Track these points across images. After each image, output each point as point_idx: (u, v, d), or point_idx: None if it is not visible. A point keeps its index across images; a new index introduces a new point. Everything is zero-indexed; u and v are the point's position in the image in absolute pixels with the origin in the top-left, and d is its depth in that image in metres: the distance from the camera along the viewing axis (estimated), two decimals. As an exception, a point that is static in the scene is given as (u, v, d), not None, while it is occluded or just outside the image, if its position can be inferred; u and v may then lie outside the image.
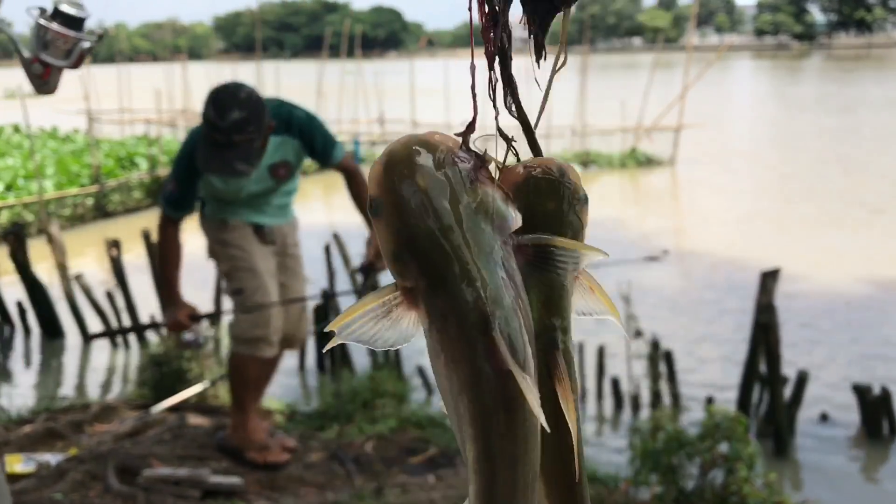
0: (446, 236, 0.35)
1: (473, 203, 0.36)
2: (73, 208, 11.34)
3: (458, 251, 0.35)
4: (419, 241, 0.35)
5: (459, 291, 0.35)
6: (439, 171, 0.36)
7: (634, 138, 16.16)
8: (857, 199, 12.04)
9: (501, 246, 0.37)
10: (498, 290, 0.35)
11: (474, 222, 0.36)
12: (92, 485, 3.35)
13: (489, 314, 0.35)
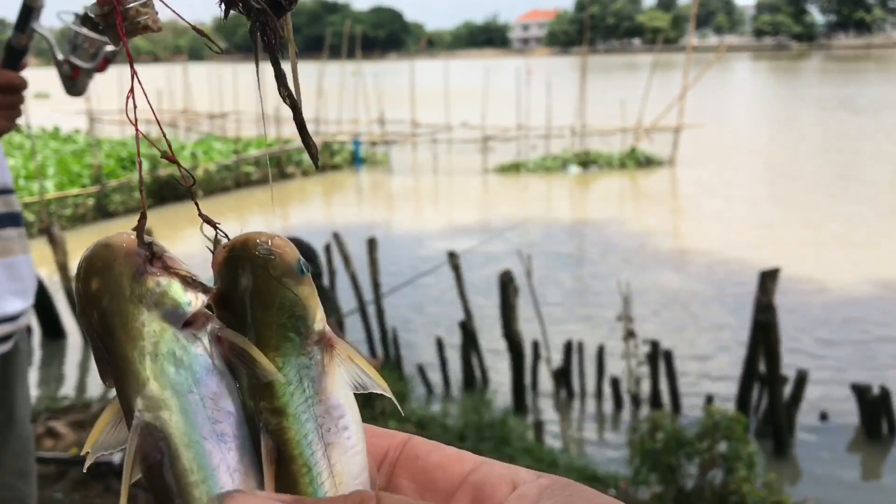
0: (106, 336, 0.35)
1: (139, 293, 0.35)
2: (75, 208, 11.36)
3: (115, 349, 0.34)
4: (98, 342, 0.35)
5: (120, 389, 0.35)
6: (108, 273, 0.35)
7: (634, 138, 16.17)
8: (857, 199, 12.05)
9: (175, 336, 0.35)
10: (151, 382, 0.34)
11: (137, 313, 0.34)
12: (92, 485, 3.36)
13: (134, 409, 0.34)
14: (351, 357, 0.38)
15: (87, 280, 0.35)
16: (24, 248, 1.53)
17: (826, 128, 21.13)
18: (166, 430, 0.34)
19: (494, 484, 0.37)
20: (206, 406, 0.34)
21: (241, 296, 0.36)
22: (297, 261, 0.37)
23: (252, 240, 0.37)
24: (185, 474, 0.33)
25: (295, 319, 0.36)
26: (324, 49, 21.74)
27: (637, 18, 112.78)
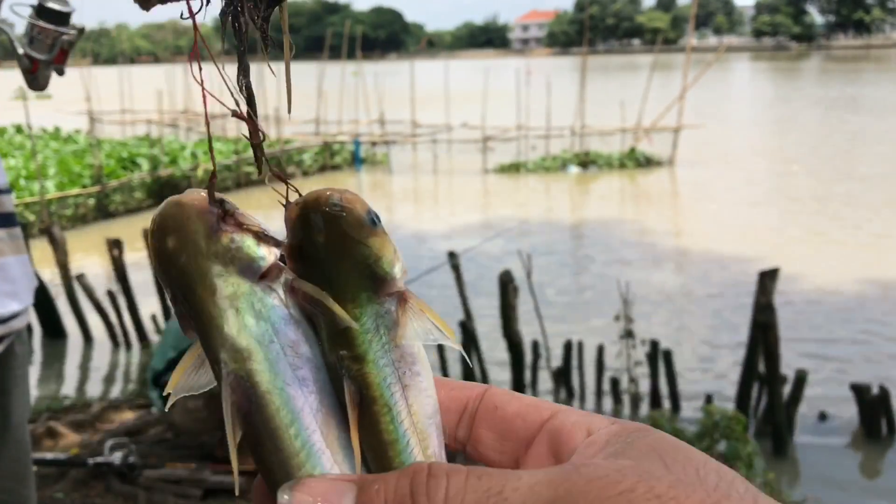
0: (187, 290, 0.36)
1: (215, 251, 0.36)
2: (75, 208, 11.36)
3: (196, 304, 0.36)
4: (179, 298, 0.36)
5: (203, 342, 0.36)
6: (183, 231, 0.36)
7: (633, 139, 16.18)
8: (857, 199, 12.06)
9: (254, 288, 0.36)
10: (234, 335, 0.36)
11: (214, 270, 0.36)
12: (93, 484, 3.36)
13: (220, 361, 0.36)
14: (423, 309, 0.39)
15: (164, 239, 0.36)
16: (16, 248, 1.51)
17: (826, 128, 21.14)
18: (252, 380, 0.35)
19: (570, 431, 0.38)
20: (286, 354, 0.36)
21: (315, 250, 0.38)
22: (367, 213, 0.38)
23: (323, 196, 0.38)
24: (273, 418, 0.35)
25: (368, 271, 0.38)
26: (324, 49, 21.74)
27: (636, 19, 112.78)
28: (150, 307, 6.09)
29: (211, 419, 3.35)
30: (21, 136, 17.56)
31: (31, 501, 1.60)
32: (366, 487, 0.33)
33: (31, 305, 1.56)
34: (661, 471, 0.31)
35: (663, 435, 0.34)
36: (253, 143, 0.40)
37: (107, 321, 6.05)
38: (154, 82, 24.71)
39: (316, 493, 0.33)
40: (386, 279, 0.38)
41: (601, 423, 0.37)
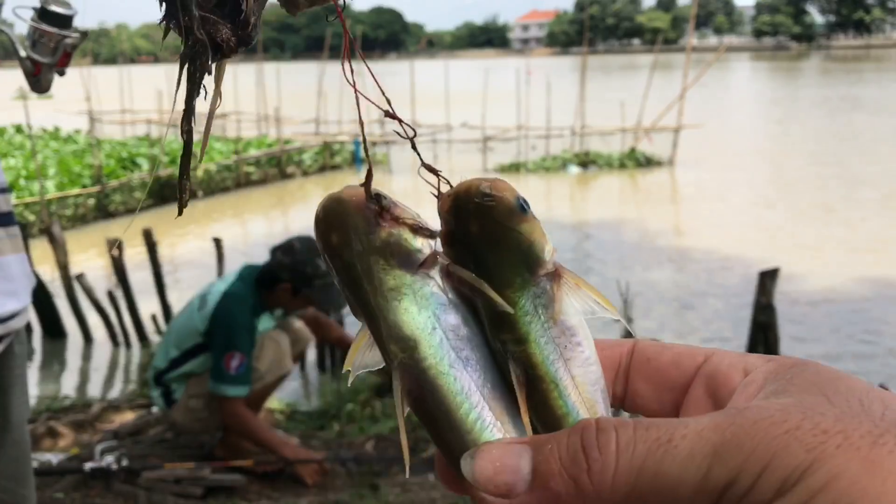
0: (353, 283, 0.39)
1: (376, 246, 0.38)
2: (75, 208, 11.36)
3: (362, 296, 0.38)
4: (343, 289, 0.39)
5: (372, 330, 0.39)
6: (345, 226, 0.39)
7: (634, 139, 16.17)
8: (857, 198, 12.06)
9: (414, 278, 0.39)
10: (399, 326, 0.38)
11: (377, 264, 0.38)
12: (92, 484, 3.36)
13: (388, 354, 0.38)
14: (578, 284, 0.42)
15: (328, 233, 0.39)
16: (15, 247, 1.51)
17: (826, 128, 21.14)
18: (420, 366, 0.38)
19: (726, 373, 0.39)
20: (448, 338, 0.38)
21: (469, 239, 0.40)
22: (517, 201, 0.40)
23: (473, 186, 0.40)
24: (444, 401, 0.38)
25: (521, 256, 0.40)
26: (324, 49, 21.74)
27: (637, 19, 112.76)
28: (150, 307, 6.09)
29: (212, 419, 3.34)
30: (21, 136, 17.56)
31: (30, 501, 1.60)
32: (540, 447, 0.35)
33: (30, 305, 1.56)
34: (825, 405, 0.31)
35: (821, 367, 0.35)
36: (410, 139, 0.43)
37: (107, 321, 6.05)
38: (154, 82, 24.73)
39: (495, 458, 0.35)
40: (538, 262, 0.40)
41: (757, 363, 0.38)
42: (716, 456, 0.31)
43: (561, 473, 0.34)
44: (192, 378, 3.34)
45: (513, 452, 0.35)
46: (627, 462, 0.32)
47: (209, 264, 6.70)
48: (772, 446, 0.30)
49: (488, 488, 0.35)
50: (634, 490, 0.32)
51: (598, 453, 0.33)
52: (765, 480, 0.30)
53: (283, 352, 3.38)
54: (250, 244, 10.25)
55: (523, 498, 0.34)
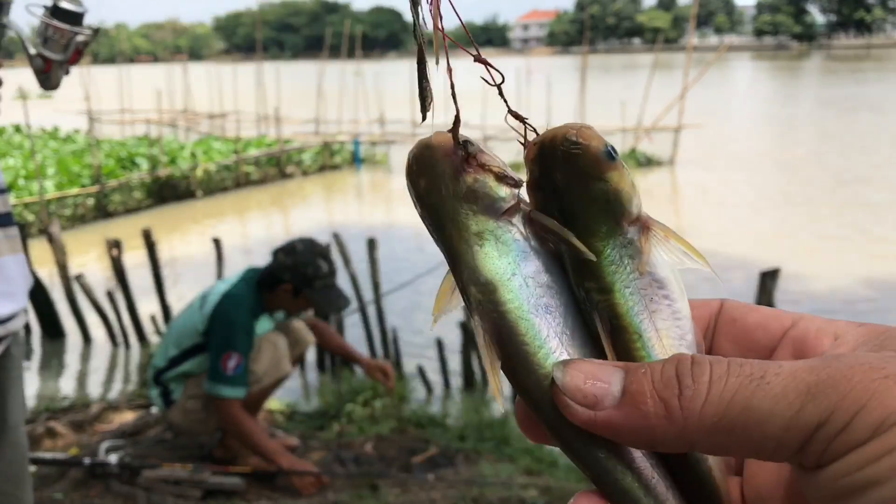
0: (438, 227, 0.39)
1: (461, 191, 0.39)
2: (74, 208, 11.35)
3: (446, 240, 0.39)
4: (430, 232, 0.40)
5: (454, 273, 0.40)
6: (432, 171, 0.40)
7: (634, 138, 16.17)
8: (857, 199, 12.05)
9: (497, 225, 0.39)
10: (479, 270, 0.38)
11: (461, 209, 0.39)
12: (92, 484, 3.35)
13: (470, 296, 0.39)
14: (667, 235, 0.41)
15: (416, 179, 0.40)
16: (13, 248, 1.50)
17: (826, 127, 21.13)
18: (499, 310, 0.38)
19: (816, 337, 0.39)
20: (528, 285, 0.39)
21: (554, 187, 0.40)
22: (604, 148, 0.39)
23: (560, 135, 0.40)
24: (522, 345, 0.38)
25: (609, 205, 0.39)
26: (324, 49, 21.74)
27: (637, 18, 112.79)
28: (150, 307, 6.08)
29: (209, 421, 3.33)
30: (20, 136, 17.56)
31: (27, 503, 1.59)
32: (633, 371, 0.35)
33: (27, 306, 1.55)
34: None
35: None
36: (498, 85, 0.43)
37: (106, 321, 6.04)
38: (153, 82, 24.69)
39: (587, 370, 0.36)
40: (625, 212, 0.39)
41: (848, 328, 0.38)
42: (809, 395, 0.31)
43: (652, 395, 0.34)
44: (190, 378, 3.33)
45: (606, 369, 0.36)
46: (719, 392, 0.33)
47: (209, 264, 6.69)
48: (870, 388, 0.30)
49: (576, 396, 0.35)
50: (723, 420, 0.32)
51: (692, 381, 0.33)
52: (860, 420, 0.30)
53: (281, 354, 3.37)
54: (250, 244, 10.24)
55: (610, 412, 0.35)
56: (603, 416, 0.35)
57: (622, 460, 0.38)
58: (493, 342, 0.38)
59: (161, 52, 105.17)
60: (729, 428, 0.32)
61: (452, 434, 3.95)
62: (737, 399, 0.32)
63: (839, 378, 0.31)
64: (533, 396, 0.38)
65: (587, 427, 0.35)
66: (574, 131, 0.39)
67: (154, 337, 5.92)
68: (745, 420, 0.32)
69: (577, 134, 0.39)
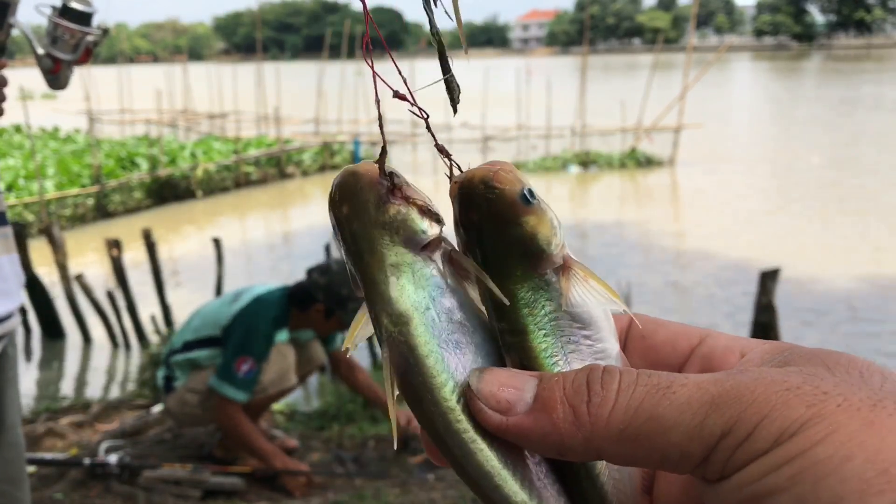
0: (356, 255, 0.39)
1: (383, 221, 0.39)
2: (74, 208, 11.35)
3: (363, 268, 0.39)
4: (349, 258, 0.39)
5: (368, 302, 0.39)
6: (355, 199, 0.39)
7: (634, 138, 16.17)
8: (858, 198, 12.05)
9: (416, 258, 0.39)
10: (394, 301, 0.38)
11: (381, 238, 0.39)
12: (92, 485, 3.35)
13: (382, 326, 0.38)
14: (587, 276, 0.41)
15: (339, 205, 0.39)
16: (7, 248, 1.50)
17: (826, 127, 21.13)
18: (409, 342, 0.38)
19: (723, 354, 0.40)
20: (440, 320, 0.38)
21: (473, 226, 0.40)
22: (520, 192, 0.39)
23: (478, 176, 0.40)
24: (429, 377, 0.38)
25: (524, 248, 0.39)
26: (323, 49, 21.73)
27: (637, 18, 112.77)
28: (149, 307, 6.08)
29: (203, 416, 3.33)
30: (20, 136, 17.55)
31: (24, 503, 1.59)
32: (547, 378, 0.36)
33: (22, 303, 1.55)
34: (825, 373, 0.32)
35: (821, 348, 0.35)
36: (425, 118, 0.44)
37: (106, 321, 6.03)
38: (153, 82, 24.70)
39: (502, 377, 0.37)
40: (542, 255, 0.39)
41: (754, 345, 0.39)
42: (713, 405, 0.32)
43: (562, 401, 0.35)
44: (195, 370, 3.33)
45: (520, 377, 0.37)
46: (626, 400, 0.33)
47: (208, 264, 6.69)
48: (771, 400, 0.31)
49: (489, 402, 0.36)
50: (629, 428, 0.33)
51: (601, 388, 0.34)
52: (762, 430, 0.30)
53: (288, 366, 3.36)
54: (250, 244, 10.24)
55: (520, 418, 0.36)
56: (514, 422, 0.35)
57: (515, 472, 0.38)
58: (398, 374, 0.38)
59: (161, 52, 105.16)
60: (634, 436, 0.33)
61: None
62: (643, 407, 0.33)
63: (742, 390, 0.31)
64: (437, 430, 0.38)
65: (498, 432, 0.36)
66: (491, 174, 0.39)
67: (154, 337, 5.92)
68: (650, 429, 0.32)
69: (494, 177, 0.39)
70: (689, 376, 0.33)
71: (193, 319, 3.41)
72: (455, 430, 0.37)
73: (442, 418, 0.38)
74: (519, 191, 0.39)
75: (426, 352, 0.38)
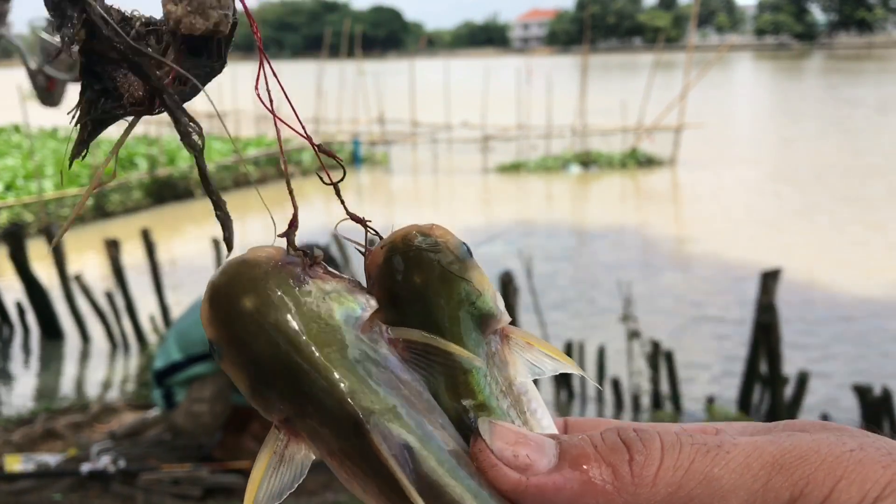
0: (289, 352, 0.32)
1: (311, 305, 0.32)
2: (73, 208, 11.33)
3: (306, 362, 0.32)
4: (267, 369, 0.32)
5: (322, 405, 0.32)
6: (265, 288, 0.32)
7: (635, 138, 16.15)
8: (858, 198, 12.03)
9: (360, 338, 0.33)
10: (362, 389, 0.32)
11: (317, 325, 0.32)
12: (92, 485, 3.34)
13: (359, 418, 0.31)
14: (529, 342, 0.37)
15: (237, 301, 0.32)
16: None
17: (828, 127, 21.11)
18: (401, 430, 0.32)
19: None
20: (416, 399, 0.33)
21: (410, 295, 0.35)
22: (462, 246, 0.36)
23: (412, 234, 0.35)
24: (434, 470, 0.32)
25: (472, 308, 0.35)
26: (323, 48, 21.71)
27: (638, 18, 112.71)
28: (148, 307, 6.06)
29: (214, 423, 3.32)
30: (19, 136, 17.54)
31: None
32: (565, 437, 0.32)
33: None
34: (857, 435, 0.31)
35: (801, 420, 0.33)
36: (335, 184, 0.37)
37: (104, 322, 6.02)
38: (154, 81, 24.58)
39: (514, 436, 0.32)
40: (491, 315, 0.35)
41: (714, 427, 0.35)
42: (776, 467, 0.29)
43: (597, 458, 0.31)
44: (195, 381, 3.32)
45: (533, 435, 0.32)
46: (673, 460, 0.30)
47: (207, 264, 6.67)
48: (841, 462, 0.29)
49: (505, 457, 0.31)
50: (680, 490, 0.29)
51: (643, 446, 0.31)
52: (840, 493, 0.28)
53: None
54: (249, 244, 10.21)
55: (544, 478, 0.31)
56: (536, 482, 0.31)
57: None
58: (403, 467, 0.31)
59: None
60: (686, 500, 0.29)
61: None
62: (695, 468, 0.30)
63: (806, 451, 0.29)
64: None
65: (514, 494, 0.31)
66: (427, 229, 0.35)
67: (152, 337, 5.90)
68: (704, 492, 0.29)
69: (431, 232, 0.35)
70: (736, 437, 0.31)
71: (173, 338, 3.37)
72: None
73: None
74: (461, 244, 0.35)
75: (425, 435, 0.32)
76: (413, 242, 0.35)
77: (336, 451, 0.32)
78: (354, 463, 0.32)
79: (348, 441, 0.32)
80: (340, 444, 0.32)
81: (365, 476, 0.32)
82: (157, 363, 3.39)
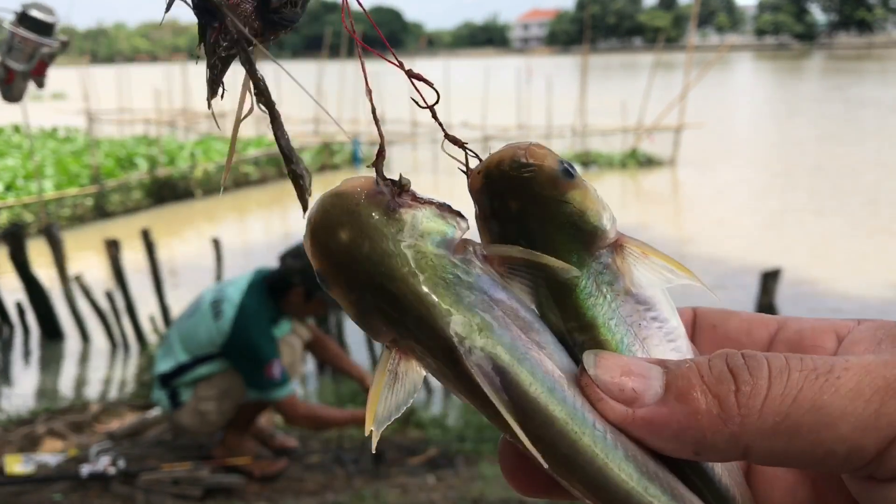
0: (384, 279, 0.33)
1: (401, 232, 0.33)
2: (73, 208, 11.33)
3: (400, 289, 0.32)
4: (367, 296, 0.33)
5: (418, 329, 0.33)
6: (357, 219, 0.33)
7: (635, 138, 16.16)
8: (859, 198, 12.04)
9: (452, 261, 0.33)
10: (455, 312, 0.32)
11: (408, 251, 0.33)
12: (92, 485, 3.34)
13: (452, 342, 0.32)
14: (644, 252, 0.36)
15: (333, 233, 0.33)
16: None
17: (828, 127, 21.12)
18: (494, 351, 0.32)
19: (814, 337, 0.37)
20: (512, 319, 0.33)
21: (509, 218, 0.35)
22: (560, 165, 0.35)
23: (507, 157, 0.35)
24: (530, 388, 0.32)
25: (575, 228, 0.35)
26: (323, 48, 21.72)
27: (638, 18, 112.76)
28: (149, 308, 6.06)
29: (221, 422, 3.32)
30: (19, 136, 17.54)
31: None
32: (674, 366, 0.31)
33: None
34: None
35: None
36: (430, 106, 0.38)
37: (105, 322, 6.02)
38: (152, 82, 24.70)
39: (623, 366, 0.31)
40: (596, 233, 0.35)
41: (849, 324, 0.36)
42: (889, 391, 0.28)
43: (703, 391, 0.30)
44: (200, 381, 3.31)
45: (641, 363, 0.32)
46: (781, 388, 0.29)
47: (208, 265, 6.68)
48: None
49: (611, 390, 0.31)
50: (787, 419, 0.28)
51: (749, 375, 0.29)
52: None
53: (297, 356, 3.40)
54: (249, 244, 10.22)
55: (651, 410, 0.30)
56: (643, 414, 0.30)
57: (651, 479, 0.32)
58: (494, 390, 0.32)
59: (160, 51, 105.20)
60: (794, 429, 0.28)
61: (452, 435, 3.94)
62: (804, 395, 0.28)
63: None
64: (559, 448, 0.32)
65: (622, 426, 0.31)
66: (522, 151, 0.35)
67: (153, 337, 5.90)
68: (813, 420, 0.28)
69: (527, 154, 0.34)
70: (848, 359, 0.29)
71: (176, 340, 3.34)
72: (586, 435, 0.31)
73: (563, 436, 0.32)
74: (559, 164, 0.34)
75: (517, 356, 0.32)
76: (507, 167, 0.35)
77: (436, 370, 0.33)
78: (453, 383, 0.33)
79: (445, 363, 0.33)
80: (438, 365, 0.33)
81: (464, 395, 0.33)
82: (162, 366, 3.37)
